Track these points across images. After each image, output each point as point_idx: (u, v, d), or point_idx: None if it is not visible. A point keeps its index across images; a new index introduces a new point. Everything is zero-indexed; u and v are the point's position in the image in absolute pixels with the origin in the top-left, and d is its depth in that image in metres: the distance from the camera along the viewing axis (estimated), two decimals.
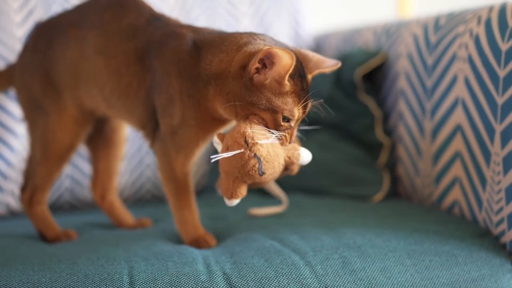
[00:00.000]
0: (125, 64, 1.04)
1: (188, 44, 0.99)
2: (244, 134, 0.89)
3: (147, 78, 1.03)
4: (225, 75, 0.94)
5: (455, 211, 1.19)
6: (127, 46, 1.04)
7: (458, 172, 1.17)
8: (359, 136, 1.46)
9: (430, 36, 1.28)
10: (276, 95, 0.91)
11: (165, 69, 1.00)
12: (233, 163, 0.89)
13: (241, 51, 0.93)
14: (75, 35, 1.10)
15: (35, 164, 1.16)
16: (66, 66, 1.11)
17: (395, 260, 0.94)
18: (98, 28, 1.07)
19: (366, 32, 1.60)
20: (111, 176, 1.26)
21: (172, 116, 1.00)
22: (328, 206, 1.25)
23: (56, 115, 1.12)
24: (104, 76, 1.06)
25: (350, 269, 0.91)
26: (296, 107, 0.92)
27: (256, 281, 0.88)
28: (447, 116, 1.19)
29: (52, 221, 1.17)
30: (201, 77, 0.97)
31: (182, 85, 0.98)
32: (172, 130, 1.01)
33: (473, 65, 1.11)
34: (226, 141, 0.91)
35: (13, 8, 1.44)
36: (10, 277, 0.88)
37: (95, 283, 0.86)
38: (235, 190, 0.90)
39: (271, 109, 0.91)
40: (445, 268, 0.93)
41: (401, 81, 1.37)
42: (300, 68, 0.94)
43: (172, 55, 1.00)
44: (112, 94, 1.07)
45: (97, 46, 1.07)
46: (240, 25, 1.71)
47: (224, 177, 0.91)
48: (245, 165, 0.88)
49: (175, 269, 0.89)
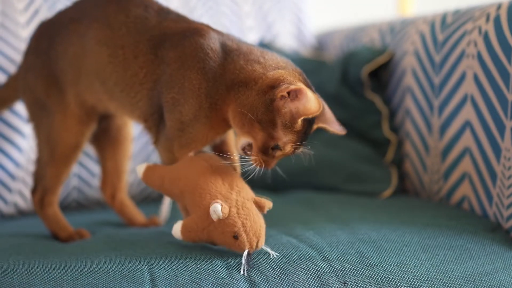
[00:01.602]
0: (134, 55, 1.02)
1: (215, 43, 0.99)
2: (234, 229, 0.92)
3: (157, 70, 1.01)
4: (251, 86, 0.95)
5: (464, 206, 1.20)
6: (136, 37, 1.03)
7: (467, 168, 1.19)
8: (366, 133, 1.47)
9: (437, 34, 1.29)
10: (283, 124, 0.93)
11: (184, 63, 0.98)
12: (221, 237, 0.92)
13: (277, 72, 0.94)
14: (76, 30, 1.09)
15: (43, 166, 1.15)
16: (69, 62, 1.10)
17: (410, 255, 0.95)
18: (100, 21, 1.06)
19: (370, 30, 1.61)
20: (120, 175, 1.26)
21: (182, 112, 0.99)
22: (339, 202, 1.26)
23: (60, 115, 1.12)
24: (108, 68, 1.05)
25: (366, 263, 0.92)
26: (291, 144, 0.95)
27: (275, 277, 0.89)
28: (456, 113, 1.21)
29: (64, 221, 1.17)
30: (225, 79, 0.97)
31: (202, 82, 0.97)
32: (179, 126, 1.00)
33: (482, 61, 1.12)
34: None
35: (18, 9, 1.44)
36: (32, 275, 0.88)
37: (116, 280, 0.87)
38: (192, 239, 0.95)
39: (271, 133, 0.93)
40: (459, 262, 0.95)
41: (408, 78, 1.39)
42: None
43: (195, 51, 0.98)
44: (116, 85, 1.05)
45: (101, 38, 1.05)
46: (243, 24, 1.72)
47: (195, 228, 0.93)
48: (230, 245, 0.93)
49: (194, 265, 0.90)
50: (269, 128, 0.93)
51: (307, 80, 0.98)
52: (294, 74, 0.96)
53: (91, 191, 1.46)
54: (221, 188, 0.95)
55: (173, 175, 0.99)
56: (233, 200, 0.93)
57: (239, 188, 0.96)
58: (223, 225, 0.91)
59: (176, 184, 0.98)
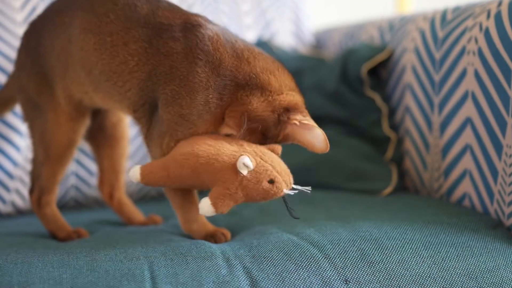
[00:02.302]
0: (123, 41, 0.99)
1: (220, 37, 0.97)
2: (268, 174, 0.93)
3: (151, 60, 0.98)
4: (265, 96, 0.97)
5: (465, 203, 1.20)
6: (127, 24, 1.00)
7: (468, 165, 1.18)
8: (366, 131, 1.46)
9: (437, 31, 1.29)
10: (274, 137, 0.98)
11: (188, 56, 0.96)
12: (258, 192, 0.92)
13: (294, 97, 0.98)
14: (62, 21, 1.07)
15: (38, 165, 1.14)
16: (57, 56, 1.08)
17: (412, 252, 0.94)
18: (85, 8, 1.04)
19: (370, 27, 1.61)
20: (117, 174, 1.25)
21: (183, 106, 0.96)
22: (339, 200, 1.26)
23: (52, 113, 1.10)
24: (93, 56, 1.02)
25: (368, 261, 0.92)
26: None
27: (277, 274, 0.88)
28: (457, 110, 1.21)
29: (63, 221, 1.16)
30: (237, 78, 0.96)
31: (211, 77, 0.95)
32: (177, 120, 0.97)
33: (483, 58, 1.12)
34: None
35: (15, 8, 1.44)
36: (30, 273, 0.87)
37: (116, 278, 0.86)
38: (228, 206, 0.93)
39: (260, 139, 0.98)
40: (461, 259, 0.94)
41: (407, 75, 1.38)
42: None
43: (201, 43, 0.96)
44: (102, 74, 1.02)
45: (86, 26, 1.02)
46: (242, 21, 1.72)
47: (228, 193, 0.92)
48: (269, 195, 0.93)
49: (195, 263, 0.89)
50: (262, 136, 0.98)
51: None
52: (303, 100, 1.01)
53: (89, 190, 1.45)
54: (231, 147, 0.94)
55: (177, 158, 0.95)
56: (250, 151, 0.93)
57: (245, 143, 0.96)
58: (255, 174, 0.91)
59: (186, 165, 0.93)
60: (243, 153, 0.92)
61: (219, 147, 0.93)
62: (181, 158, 0.95)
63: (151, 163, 0.98)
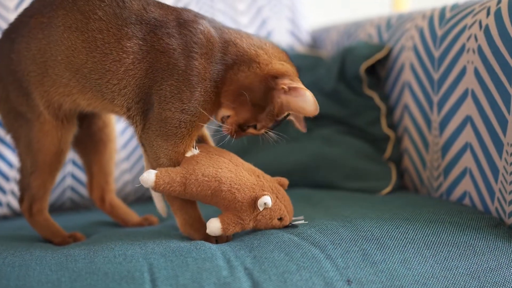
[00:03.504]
0: (116, 38, 0.98)
1: (210, 29, 1.01)
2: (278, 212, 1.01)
3: (147, 57, 0.98)
4: (254, 68, 0.99)
5: (465, 202, 1.19)
6: (118, 20, 0.99)
7: (468, 163, 1.18)
8: (364, 129, 1.46)
9: (436, 29, 1.28)
10: (270, 111, 0.99)
11: (185, 51, 0.97)
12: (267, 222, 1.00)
13: (283, 65, 1.00)
14: (38, 23, 1.04)
15: (27, 175, 1.11)
16: (32, 59, 1.04)
17: (414, 252, 0.94)
18: (67, 7, 1.01)
19: (367, 25, 1.60)
20: (107, 177, 1.23)
21: (183, 100, 0.97)
22: (339, 199, 1.25)
23: (36, 121, 1.07)
24: (82, 54, 1.00)
25: (370, 261, 0.91)
26: (266, 128, 1.02)
27: (278, 275, 0.87)
28: (456, 108, 1.20)
29: (57, 226, 1.14)
30: (226, 60, 0.99)
31: (207, 67, 0.98)
32: (179, 116, 0.97)
33: (483, 56, 1.11)
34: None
35: (10, 8, 1.42)
36: (29, 277, 0.86)
37: (115, 281, 0.84)
38: (235, 231, 0.99)
39: (255, 115, 0.99)
40: (464, 258, 0.93)
41: (406, 74, 1.37)
42: None
43: (195, 37, 0.98)
44: (92, 72, 1.00)
45: (71, 24, 1.00)
46: (237, 20, 1.71)
47: (240, 222, 0.98)
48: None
49: (195, 265, 0.88)
50: (256, 110, 0.99)
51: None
52: (294, 71, 1.02)
53: (86, 190, 1.44)
54: (251, 178, 0.99)
55: (199, 178, 0.97)
56: (267, 187, 1.00)
57: (259, 173, 1.02)
58: (270, 212, 0.99)
59: (207, 187, 0.97)
60: (264, 191, 0.98)
61: (241, 177, 0.99)
62: (202, 178, 0.97)
63: (168, 174, 0.97)
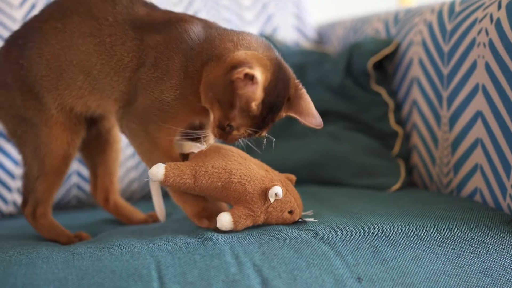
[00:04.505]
0: (122, 41, 1.03)
1: (197, 27, 1.00)
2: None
3: (142, 55, 1.02)
4: (220, 63, 0.95)
5: (476, 198, 1.18)
6: (125, 25, 1.04)
7: (479, 159, 1.16)
8: (372, 126, 1.44)
9: (445, 23, 1.26)
10: (239, 107, 0.93)
11: (168, 46, 1.00)
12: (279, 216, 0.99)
13: (243, 53, 0.94)
14: (52, 28, 1.06)
15: (32, 180, 1.10)
16: (46, 64, 1.06)
17: (426, 249, 0.92)
18: (82, 14, 1.05)
19: (374, 20, 1.58)
20: (112, 177, 1.23)
21: (164, 91, 0.99)
22: (347, 196, 1.24)
23: (44, 126, 1.08)
24: (93, 57, 1.04)
25: (381, 258, 0.90)
26: (245, 128, 0.95)
27: (288, 272, 0.85)
28: (467, 103, 1.18)
29: (61, 228, 1.13)
30: (201, 56, 0.97)
31: (183, 61, 0.98)
32: (159, 106, 0.99)
33: (494, 50, 1.09)
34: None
35: (14, 5, 1.41)
36: (35, 275, 0.85)
37: (123, 278, 0.83)
38: (246, 225, 0.98)
39: (226, 113, 0.94)
40: (476, 256, 0.92)
41: (414, 69, 1.36)
42: (276, 101, 0.95)
43: (179, 34, 1.00)
44: (100, 73, 1.04)
45: (85, 29, 1.05)
46: (243, 16, 1.69)
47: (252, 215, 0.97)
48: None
49: (203, 262, 0.87)
50: (226, 107, 0.94)
51: (282, 66, 0.96)
52: (260, 57, 0.94)
53: None
54: (260, 172, 0.98)
55: (208, 170, 0.97)
56: (276, 180, 0.99)
57: (267, 168, 1.01)
58: (280, 204, 0.98)
59: (217, 179, 0.96)
60: (275, 182, 0.97)
61: (250, 169, 0.98)
62: (212, 170, 0.97)
63: (178, 167, 0.97)
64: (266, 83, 0.93)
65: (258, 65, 0.92)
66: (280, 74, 0.95)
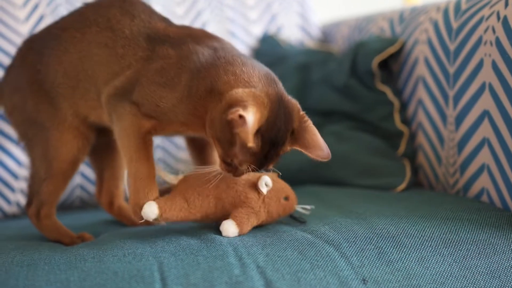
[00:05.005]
0: (133, 52, 1.04)
1: (207, 49, 0.99)
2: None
3: (151, 61, 1.02)
4: (220, 100, 0.92)
5: (483, 199, 1.16)
6: (140, 37, 1.04)
7: (485, 159, 1.14)
8: (377, 125, 1.43)
9: (451, 21, 1.25)
10: (239, 144, 0.90)
11: (178, 63, 0.99)
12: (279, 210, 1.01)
13: (240, 92, 0.91)
14: (71, 36, 1.08)
15: (39, 182, 1.11)
16: (64, 72, 1.08)
17: (432, 250, 0.91)
18: (101, 24, 1.06)
19: (379, 19, 1.57)
20: (117, 182, 1.24)
21: (162, 98, 0.98)
22: (352, 197, 1.22)
23: (56, 131, 1.09)
24: (104, 66, 1.05)
25: (386, 259, 0.88)
26: (248, 163, 0.92)
27: (292, 274, 0.84)
28: (473, 102, 1.17)
29: (64, 228, 1.13)
30: (206, 82, 0.95)
31: (188, 81, 0.97)
32: (154, 108, 0.98)
33: (501, 48, 1.08)
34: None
35: (18, 5, 1.41)
36: (37, 276, 0.84)
37: (125, 280, 0.83)
38: (251, 225, 0.98)
39: (226, 150, 0.92)
40: (483, 257, 0.90)
41: (420, 68, 1.34)
42: (277, 136, 0.91)
43: (190, 54, 0.99)
44: (106, 82, 1.04)
45: (101, 40, 1.05)
46: (247, 15, 1.68)
47: (252, 211, 0.98)
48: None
49: (206, 263, 0.86)
50: (226, 144, 0.92)
51: (284, 100, 0.93)
52: (257, 95, 0.91)
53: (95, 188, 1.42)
54: (242, 177, 0.99)
55: (197, 190, 0.98)
56: (257, 176, 1.00)
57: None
58: (274, 192, 1.00)
59: (206, 192, 0.98)
60: (260, 175, 0.99)
61: (231, 177, 0.97)
62: (199, 189, 0.98)
63: (168, 199, 0.98)
64: (263, 120, 0.89)
65: (253, 104, 0.88)
66: (281, 109, 0.92)
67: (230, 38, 1.62)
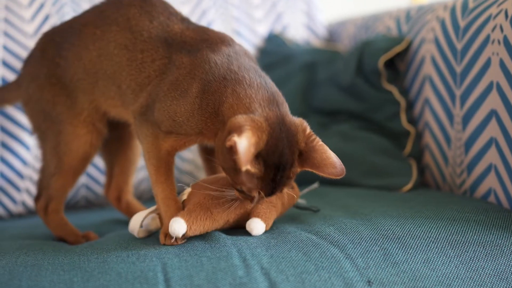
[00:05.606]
0: (152, 59, 1.02)
1: (221, 59, 0.96)
2: None
3: (167, 71, 1.00)
4: (223, 125, 0.91)
5: (490, 199, 1.15)
6: (157, 42, 1.02)
7: (493, 159, 1.13)
8: (383, 125, 1.42)
9: (458, 20, 1.23)
10: (246, 171, 0.87)
11: (191, 72, 0.97)
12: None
13: (239, 118, 0.88)
14: (92, 34, 1.07)
15: (49, 176, 1.11)
16: (84, 68, 1.07)
17: (438, 251, 0.90)
18: (121, 24, 1.05)
19: (386, 18, 1.56)
20: (127, 178, 1.24)
21: (177, 113, 0.96)
22: (357, 197, 1.21)
23: (70, 125, 1.09)
24: (124, 71, 1.03)
25: (392, 261, 0.87)
26: (257, 190, 0.90)
27: (296, 276, 0.84)
28: (480, 102, 1.15)
29: (71, 226, 1.13)
30: (215, 96, 0.93)
31: (200, 92, 0.94)
32: (171, 123, 0.97)
33: (509, 47, 1.07)
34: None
35: (23, 5, 1.41)
36: (41, 276, 0.84)
37: (128, 281, 0.82)
38: (273, 219, 1.00)
39: (233, 178, 0.90)
40: (490, 259, 0.89)
41: (426, 67, 1.33)
42: (281, 160, 0.88)
43: (203, 62, 0.96)
44: (128, 88, 1.03)
45: (121, 41, 1.04)
46: (252, 14, 1.68)
47: (271, 205, 1.00)
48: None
49: (210, 264, 0.86)
50: (231, 172, 0.90)
51: (285, 123, 0.90)
52: (256, 120, 0.88)
53: (100, 189, 1.43)
54: None
55: (211, 196, 0.96)
56: None
57: None
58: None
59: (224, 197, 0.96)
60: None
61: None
62: (216, 193, 0.96)
63: (190, 211, 0.95)
64: (262, 144, 0.87)
65: (249, 129, 0.86)
66: (282, 133, 0.89)
67: (235, 37, 1.61)
